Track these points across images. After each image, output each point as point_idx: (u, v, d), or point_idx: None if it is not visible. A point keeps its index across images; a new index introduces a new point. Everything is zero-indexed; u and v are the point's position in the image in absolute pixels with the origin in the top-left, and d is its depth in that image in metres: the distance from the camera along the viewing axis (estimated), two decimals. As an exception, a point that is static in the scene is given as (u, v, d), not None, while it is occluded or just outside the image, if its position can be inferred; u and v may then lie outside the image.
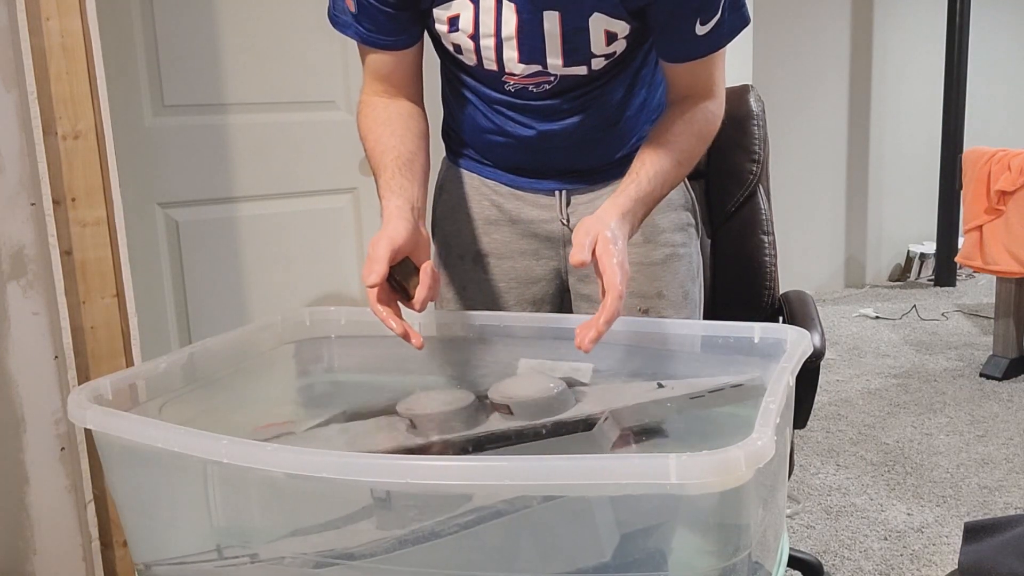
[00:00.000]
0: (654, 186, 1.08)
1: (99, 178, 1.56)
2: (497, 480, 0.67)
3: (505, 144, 1.25)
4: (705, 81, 1.15)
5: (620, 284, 0.93)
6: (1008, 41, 5.38)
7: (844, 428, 2.84)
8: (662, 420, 0.91)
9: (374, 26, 1.13)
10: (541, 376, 0.97)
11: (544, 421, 0.89)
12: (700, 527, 0.71)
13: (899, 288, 4.98)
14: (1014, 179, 3.10)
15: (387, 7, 1.11)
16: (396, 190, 1.06)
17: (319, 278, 2.26)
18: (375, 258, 0.97)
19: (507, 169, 1.28)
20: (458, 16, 1.10)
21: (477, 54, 1.13)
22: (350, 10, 1.12)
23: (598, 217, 1.01)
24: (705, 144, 1.16)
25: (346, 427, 0.95)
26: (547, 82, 1.16)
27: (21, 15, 1.47)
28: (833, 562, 2.01)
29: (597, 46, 1.11)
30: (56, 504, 1.61)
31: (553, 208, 1.28)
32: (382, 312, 0.97)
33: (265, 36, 2.09)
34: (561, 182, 1.27)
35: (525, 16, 1.08)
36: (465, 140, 1.31)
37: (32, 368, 1.56)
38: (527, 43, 1.10)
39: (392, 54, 1.16)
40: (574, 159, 1.25)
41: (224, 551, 0.79)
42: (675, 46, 1.12)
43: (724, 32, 1.09)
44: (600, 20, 1.08)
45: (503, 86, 1.18)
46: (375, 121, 1.16)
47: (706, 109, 1.15)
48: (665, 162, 1.10)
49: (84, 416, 0.83)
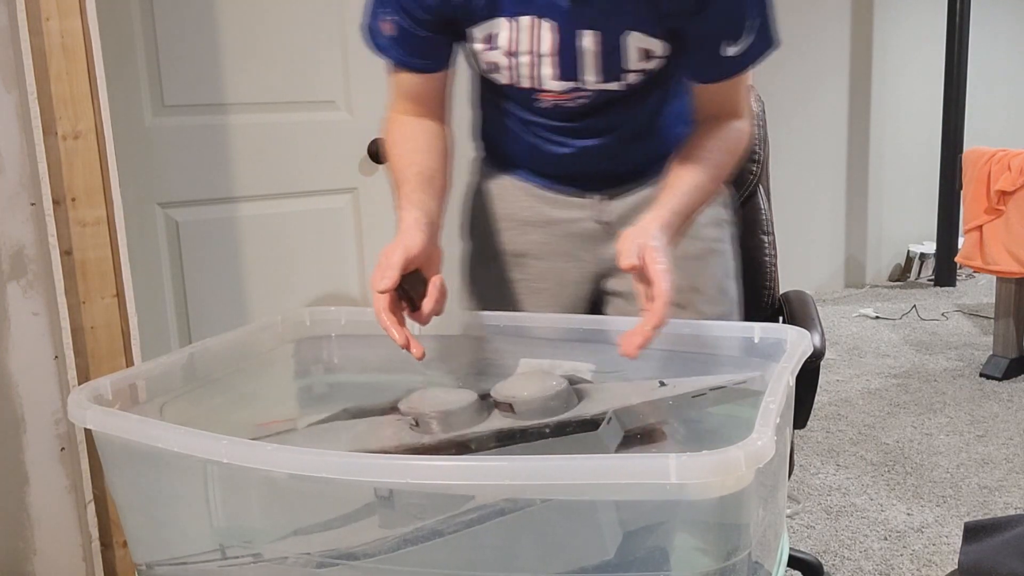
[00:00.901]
0: (692, 199, 1.09)
1: (99, 178, 1.56)
2: (497, 480, 0.67)
3: (539, 156, 1.26)
4: (732, 101, 1.16)
5: (668, 290, 0.93)
6: (1008, 41, 5.38)
7: (844, 428, 2.84)
8: (665, 420, 0.91)
9: (411, 50, 1.15)
10: (543, 375, 0.97)
11: (548, 420, 0.89)
12: (700, 527, 0.72)
13: (899, 288, 4.98)
14: (1014, 179, 3.10)
15: (426, 31, 1.12)
16: (416, 203, 1.07)
17: (319, 278, 2.26)
18: (388, 265, 0.97)
19: (542, 176, 1.30)
20: (496, 35, 1.12)
21: (512, 71, 1.15)
22: (388, 34, 1.14)
23: (641, 227, 1.01)
24: (736, 159, 1.18)
25: (348, 425, 0.95)
26: (582, 97, 1.17)
27: (21, 15, 1.48)
28: (833, 562, 2.01)
29: (633, 63, 1.12)
30: (56, 504, 1.61)
31: (588, 208, 1.28)
32: (387, 320, 0.97)
33: (265, 36, 2.09)
34: (597, 187, 1.28)
35: (563, 35, 1.09)
36: (499, 147, 1.32)
37: (32, 368, 1.56)
38: (564, 60, 1.11)
39: (426, 76, 1.18)
40: (609, 169, 1.26)
41: (227, 551, 0.79)
42: (703, 67, 1.13)
43: (751, 55, 1.10)
44: (636, 38, 1.10)
45: (536, 104, 1.19)
46: (401, 136, 1.18)
47: (734, 127, 1.17)
48: (701, 176, 1.11)
49: (84, 416, 0.83)
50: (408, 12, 1.11)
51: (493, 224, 1.33)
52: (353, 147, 2.24)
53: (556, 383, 0.93)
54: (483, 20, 1.11)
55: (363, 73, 2.22)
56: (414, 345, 0.98)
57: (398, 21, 1.12)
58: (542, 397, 0.91)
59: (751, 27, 1.07)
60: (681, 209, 1.07)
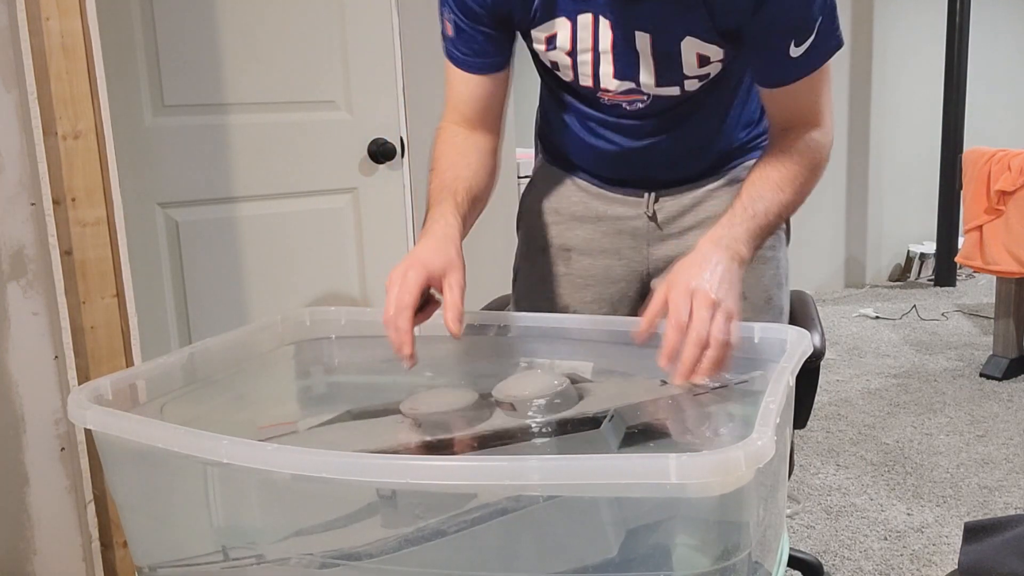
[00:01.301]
0: (765, 220, 1.05)
1: (99, 178, 1.56)
2: (498, 480, 0.67)
3: (597, 157, 1.27)
4: (807, 107, 1.12)
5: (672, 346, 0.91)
6: (1008, 41, 5.38)
7: (844, 428, 2.84)
8: (666, 418, 0.91)
9: (470, 49, 1.15)
10: (544, 374, 0.97)
11: (550, 419, 0.89)
12: (700, 526, 0.72)
13: (899, 288, 4.98)
14: (1014, 179, 3.10)
15: (485, 27, 1.12)
16: (455, 213, 1.06)
17: (319, 278, 2.26)
18: (407, 289, 0.95)
19: (596, 173, 1.30)
20: (556, 35, 1.12)
21: (574, 70, 1.15)
22: (448, 34, 1.14)
23: (696, 264, 0.97)
24: (814, 172, 1.12)
25: (350, 426, 0.95)
26: (640, 100, 1.16)
27: (21, 15, 1.48)
28: (833, 562, 2.01)
29: (689, 68, 1.11)
30: (56, 504, 1.61)
31: (638, 206, 1.28)
32: (396, 338, 0.95)
33: (265, 36, 2.09)
34: (648, 187, 1.27)
35: (619, 33, 1.09)
36: (558, 144, 1.32)
37: (32, 368, 1.56)
38: (621, 59, 1.11)
39: (483, 78, 1.17)
40: (663, 170, 1.26)
41: (229, 552, 0.79)
42: (770, 69, 1.10)
43: (820, 54, 1.07)
44: (692, 44, 1.08)
45: (599, 102, 1.19)
46: (453, 147, 1.17)
47: (810, 138, 1.11)
48: (776, 196, 1.07)
49: (84, 416, 0.83)
50: (463, 11, 1.12)
51: (542, 218, 1.34)
52: (353, 147, 2.24)
53: (558, 382, 0.93)
54: (543, 21, 1.11)
55: (363, 73, 2.22)
56: (411, 360, 0.95)
57: (455, 19, 1.12)
58: (543, 396, 0.91)
59: (815, 26, 1.04)
60: (752, 232, 1.04)
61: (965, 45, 4.66)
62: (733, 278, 0.97)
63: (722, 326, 0.91)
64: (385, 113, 2.28)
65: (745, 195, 1.07)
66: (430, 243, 1.01)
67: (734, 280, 0.97)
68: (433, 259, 0.98)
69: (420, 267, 0.97)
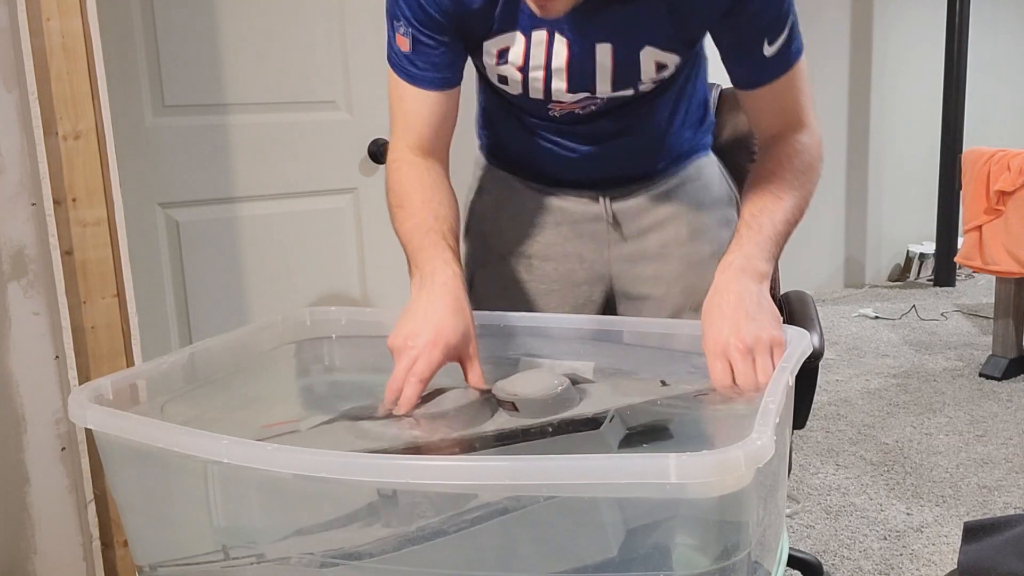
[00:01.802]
0: (776, 233, 1.06)
1: (100, 178, 1.56)
2: (498, 480, 0.67)
3: (550, 162, 1.25)
4: (790, 108, 1.12)
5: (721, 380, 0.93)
6: (1008, 41, 5.39)
7: (844, 428, 2.84)
8: (668, 419, 0.91)
9: (428, 63, 1.12)
10: (545, 372, 0.97)
11: (551, 419, 0.89)
12: (700, 526, 0.72)
13: (899, 288, 4.98)
14: (1013, 179, 3.10)
15: (445, 36, 1.10)
16: (456, 261, 1.06)
17: (320, 278, 2.26)
18: (428, 365, 0.96)
19: (550, 177, 1.28)
20: (508, 49, 1.10)
21: (524, 85, 1.13)
22: (402, 50, 1.12)
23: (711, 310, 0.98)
24: (808, 175, 1.11)
25: (352, 426, 0.95)
26: (593, 104, 1.16)
27: (22, 15, 1.48)
28: (833, 562, 2.01)
29: (646, 75, 1.11)
30: (57, 504, 1.61)
31: (596, 209, 1.27)
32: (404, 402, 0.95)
33: (265, 36, 2.09)
34: (604, 188, 1.27)
35: (576, 49, 1.08)
36: (505, 148, 1.31)
37: (33, 368, 1.56)
38: (577, 74, 1.10)
39: (439, 95, 1.14)
40: (618, 171, 1.25)
41: (229, 551, 0.79)
42: (746, 71, 1.10)
43: (793, 51, 1.07)
44: (651, 53, 1.08)
45: (547, 112, 1.18)
46: (420, 183, 1.13)
47: (797, 141, 1.11)
48: (780, 210, 1.07)
49: (85, 416, 0.83)
50: (421, 22, 1.09)
51: (498, 224, 1.32)
52: (353, 147, 2.24)
53: (558, 382, 0.93)
54: (499, 33, 1.09)
55: (363, 73, 2.23)
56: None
57: (412, 33, 1.10)
58: (544, 395, 0.91)
59: (786, 22, 1.04)
60: (763, 245, 1.04)
61: (965, 45, 4.67)
62: (758, 300, 0.98)
63: (767, 368, 0.92)
64: (385, 113, 2.26)
65: (746, 212, 1.07)
66: (444, 304, 1.00)
67: (759, 301, 0.97)
68: (452, 335, 0.98)
69: (442, 345, 0.97)
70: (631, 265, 1.28)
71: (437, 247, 1.06)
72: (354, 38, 2.21)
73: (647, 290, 1.28)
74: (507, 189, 1.32)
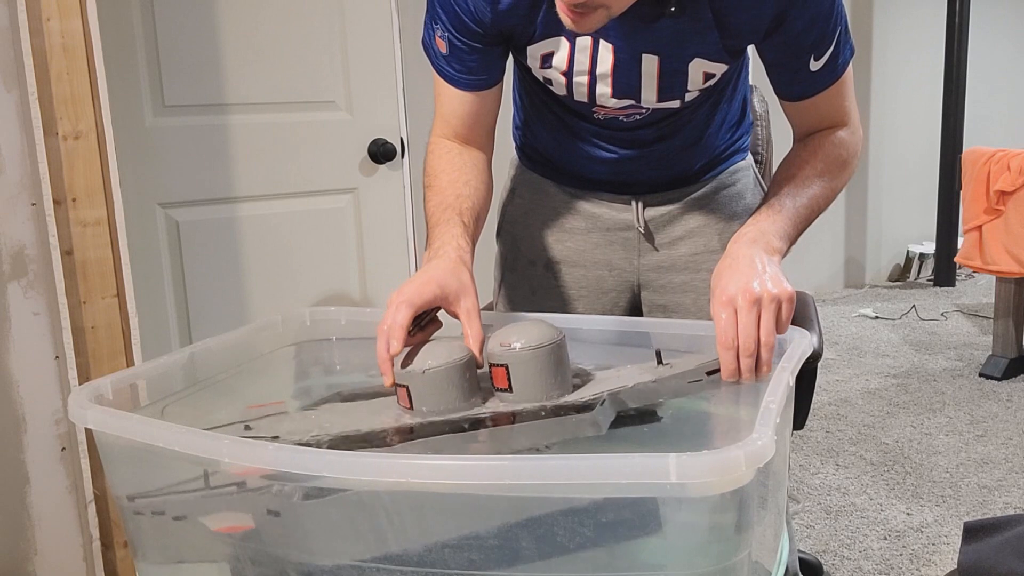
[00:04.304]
0: (798, 217, 1.05)
1: (100, 178, 1.56)
2: (498, 480, 0.67)
3: (586, 164, 1.25)
4: (833, 113, 1.12)
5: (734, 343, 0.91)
6: (1008, 41, 5.39)
7: (844, 428, 2.84)
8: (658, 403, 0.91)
9: (464, 67, 1.12)
10: (541, 323, 0.95)
11: (544, 404, 0.89)
12: (700, 526, 0.72)
13: (899, 288, 4.98)
14: (1013, 179, 3.10)
15: (481, 44, 1.09)
16: (465, 236, 1.05)
17: (319, 278, 2.26)
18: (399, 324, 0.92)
19: (586, 181, 1.28)
20: (552, 54, 1.10)
21: (568, 88, 1.13)
22: (440, 51, 1.12)
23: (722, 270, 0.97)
24: (841, 167, 1.11)
25: (340, 408, 0.94)
26: (638, 113, 1.15)
27: (22, 15, 1.48)
28: (833, 562, 2.01)
29: (694, 85, 1.11)
30: (57, 504, 1.61)
31: (629, 213, 1.27)
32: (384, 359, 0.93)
33: (265, 36, 2.10)
34: (638, 193, 1.26)
35: (622, 56, 1.07)
36: (542, 151, 1.30)
37: (33, 368, 1.56)
38: (622, 81, 1.10)
39: (475, 95, 1.14)
40: (655, 176, 1.25)
41: (210, 479, 0.78)
42: (792, 85, 1.10)
43: (840, 64, 1.07)
44: (700, 64, 1.08)
45: (592, 114, 1.17)
46: (450, 164, 1.14)
47: (835, 135, 1.12)
48: (806, 193, 1.07)
49: (85, 416, 0.83)
50: (458, 29, 1.08)
51: (529, 229, 1.32)
52: (353, 147, 2.24)
53: (551, 331, 0.92)
54: (543, 38, 1.08)
55: (363, 73, 2.23)
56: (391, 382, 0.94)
57: (448, 37, 1.09)
58: (540, 344, 0.90)
59: (833, 39, 1.04)
60: (781, 225, 1.03)
61: (965, 45, 4.67)
62: (768, 263, 0.96)
63: (770, 325, 0.91)
64: (385, 113, 2.29)
65: (770, 192, 1.08)
66: (443, 264, 0.99)
67: (768, 264, 0.96)
68: (447, 280, 0.97)
69: (434, 284, 0.95)
70: (660, 274, 1.28)
71: (450, 223, 1.06)
72: (354, 38, 2.21)
73: (676, 299, 1.28)
74: (539, 193, 1.31)
